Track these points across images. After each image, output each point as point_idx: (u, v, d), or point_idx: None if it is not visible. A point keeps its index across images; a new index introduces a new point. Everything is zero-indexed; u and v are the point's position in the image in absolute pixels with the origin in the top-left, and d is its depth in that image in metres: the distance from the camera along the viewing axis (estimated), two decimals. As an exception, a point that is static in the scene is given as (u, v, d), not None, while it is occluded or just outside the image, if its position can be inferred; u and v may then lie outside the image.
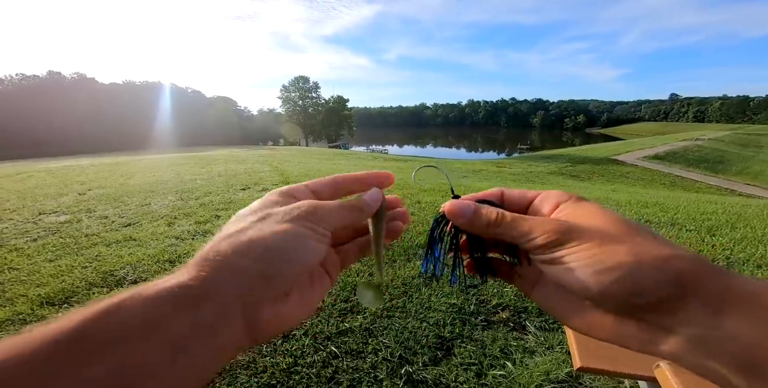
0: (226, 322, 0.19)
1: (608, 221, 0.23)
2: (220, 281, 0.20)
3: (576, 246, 0.22)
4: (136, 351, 0.16)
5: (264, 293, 0.21)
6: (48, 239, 2.92)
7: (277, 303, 0.22)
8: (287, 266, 0.22)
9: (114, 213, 3.65)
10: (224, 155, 11.24)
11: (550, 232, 0.23)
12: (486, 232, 0.26)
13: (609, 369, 0.94)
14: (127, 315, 0.17)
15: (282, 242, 0.22)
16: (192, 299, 0.19)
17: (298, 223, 0.23)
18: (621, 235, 0.22)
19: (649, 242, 0.21)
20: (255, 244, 0.21)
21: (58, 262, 2.42)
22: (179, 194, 4.50)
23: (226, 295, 0.20)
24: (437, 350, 1.50)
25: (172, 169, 7.27)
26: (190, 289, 0.19)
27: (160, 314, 0.18)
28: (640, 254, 0.20)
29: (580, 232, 0.22)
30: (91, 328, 0.16)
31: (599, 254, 0.21)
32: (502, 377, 1.35)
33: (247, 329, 0.21)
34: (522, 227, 0.24)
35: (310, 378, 1.33)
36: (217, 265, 0.20)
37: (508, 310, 1.79)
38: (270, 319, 0.22)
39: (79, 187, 5.19)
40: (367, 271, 2.14)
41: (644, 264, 0.20)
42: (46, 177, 6.56)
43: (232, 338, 0.20)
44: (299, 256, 0.22)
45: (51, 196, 4.58)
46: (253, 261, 0.21)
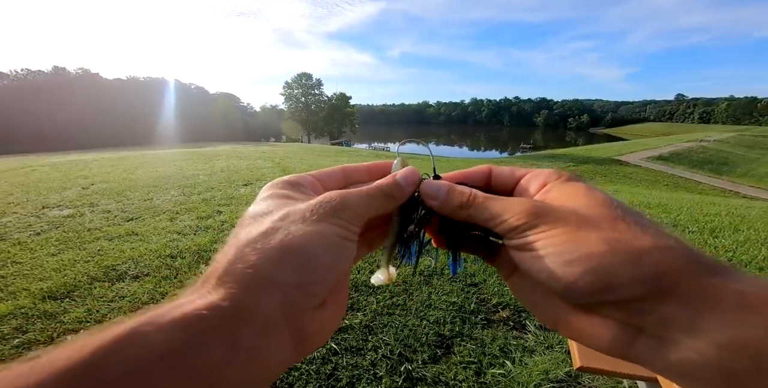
0: (270, 342, 0.18)
1: (592, 203, 0.20)
2: (256, 299, 0.17)
3: (547, 231, 0.19)
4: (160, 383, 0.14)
5: (307, 303, 0.19)
6: (51, 233, 2.94)
7: (318, 311, 0.21)
8: (326, 273, 0.20)
9: (116, 208, 3.67)
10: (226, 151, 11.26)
11: (521, 214, 0.20)
12: (457, 214, 0.23)
13: (608, 369, 0.94)
14: (147, 344, 0.15)
15: (316, 247, 0.19)
16: (227, 321, 0.16)
17: (328, 221, 0.20)
18: (601, 219, 0.19)
19: (633, 229, 0.19)
20: (287, 250, 0.19)
21: (60, 256, 2.44)
22: (181, 189, 4.52)
23: (267, 312, 0.17)
24: (437, 348, 1.50)
25: (175, 164, 7.29)
26: (222, 310, 0.16)
27: (186, 341, 0.15)
28: (615, 243, 0.18)
29: (554, 215, 0.20)
30: (105, 361, 0.14)
31: (570, 240, 0.19)
32: (501, 376, 1.35)
33: (294, 345, 0.19)
34: (493, 209, 0.22)
35: (309, 375, 1.34)
36: (247, 279, 0.18)
37: (509, 309, 1.79)
38: (316, 329, 0.20)
39: (83, 182, 5.22)
40: (368, 268, 2.15)
41: (618, 256, 0.17)
42: (50, 171, 6.60)
43: (278, 357, 0.18)
44: (336, 260, 0.20)
45: (54, 190, 4.61)
46: (290, 271, 0.18)
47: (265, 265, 0.18)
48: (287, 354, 0.19)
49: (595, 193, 0.21)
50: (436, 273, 2.12)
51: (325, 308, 0.21)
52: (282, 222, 0.20)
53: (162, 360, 0.14)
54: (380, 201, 0.23)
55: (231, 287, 0.17)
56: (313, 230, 0.20)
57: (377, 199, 0.23)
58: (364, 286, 1.95)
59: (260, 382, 0.18)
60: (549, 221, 0.20)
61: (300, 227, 0.20)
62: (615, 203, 0.20)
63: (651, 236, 0.18)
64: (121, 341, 0.14)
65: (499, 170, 0.26)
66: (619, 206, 0.20)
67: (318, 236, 0.20)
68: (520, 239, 0.20)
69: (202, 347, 0.15)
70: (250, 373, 0.17)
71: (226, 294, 0.17)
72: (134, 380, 0.14)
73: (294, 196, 0.23)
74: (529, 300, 0.23)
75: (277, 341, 0.18)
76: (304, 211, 0.21)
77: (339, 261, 0.20)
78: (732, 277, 0.17)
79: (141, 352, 0.14)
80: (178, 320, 0.16)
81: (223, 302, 0.17)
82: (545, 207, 0.21)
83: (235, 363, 0.16)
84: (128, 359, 0.14)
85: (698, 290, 0.16)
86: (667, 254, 0.17)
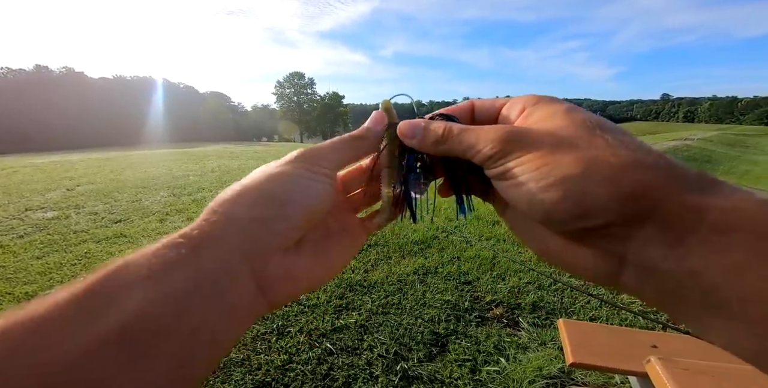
0: (230, 275, 0.18)
1: (568, 122, 0.19)
2: (218, 231, 0.19)
3: (521, 156, 0.18)
4: (139, 305, 0.15)
5: (265, 241, 0.19)
6: (35, 235, 2.86)
7: (288, 256, 0.21)
8: (284, 209, 0.20)
9: (104, 209, 3.59)
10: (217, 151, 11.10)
11: (494, 141, 0.19)
12: (436, 150, 0.23)
13: (600, 365, 0.95)
14: (134, 269, 0.16)
15: (275, 184, 0.21)
16: (192, 248, 0.18)
17: (291, 165, 0.22)
18: (577, 138, 0.18)
19: (612, 144, 0.17)
20: (248, 189, 0.20)
21: (45, 259, 2.37)
22: (171, 189, 4.44)
23: (226, 243, 0.18)
24: (432, 346, 1.51)
25: (164, 164, 7.16)
26: (191, 238, 0.18)
27: (162, 264, 0.17)
28: (591, 162, 0.16)
29: (528, 139, 0.19)
30: (100, 285, 0.16)
31: (546, 164, 0.17)
32: (496, 373, 1.36)
33: (258, 287, 0.19)
34: (468, 140, 0.21)
35: (305, 375, 1.33)
36: (216, 216, 0.19)
37: (502, 306, 1.80)
38: (282, 274, 0.20)
39: (68, 183, 5.09)
40: (363, 268, 2.14)
41: (594, 176, 0.16)
42: (33, 172, 6.40)
43: (242, 295, 0.19)
44: (296, 197, 0.21)
45: (38, 191, 4.48)
46: (247, 207, 0.20)
47: (229, 203, 0.20)
48: (251, 295, 0.19)
49: (574, 113, 0.20)
50: (430, 272, 2.13)
51: (300, 255, 0.22)
52: (252, 173, 0.22)
53: (145, 281, 0.16)
54: (347, 142, 0.24)
55: (203, 221, 0.19)
56: (274, 171, 0.21)
57: (345, 141, 0.24)
58: (359, 285, 1.95)
59: (231, 318, 0.18)
60: (523, 145, 0.19)
61: (264, 170, 0.22)
62: (594, 120, 0.19)
63: (630, 152, 0.17)
64: (115, 270, 0.16)
65: (480, 103, 0.25)
66: (598, 123, 0.19)
67: (277, 175, 0.21)
68: (497, 168, 0.20)
69: (175, 268, 0.17)
70: (214, 306, 0.17)
71: (197, 226, 0.19)
72: (120, 301, 0.15)
73: None
74: (520, 231, 0.23)
75: (238, 278, 0.18)
76: (274, 162, 0.22)
77: (299, 198, 0.21)
78: (720, 193, 0.15)
79: (129, 276, 0.16)
80: (160, 247, 0.18)
81: (192, 231, 0.19)
82: (519, 132, 0.20)
83: (199, 294, 0.17)
84: (118, 283, 0.16)
85: (679, 210, 0.15)
86: (647, 170, 0.16)
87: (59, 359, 0.13)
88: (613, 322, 1.71)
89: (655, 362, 0.74)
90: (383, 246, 2.46)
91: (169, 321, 0.16)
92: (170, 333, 0.16)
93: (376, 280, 2.01)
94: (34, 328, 0.14)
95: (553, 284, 2.00)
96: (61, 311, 0.14)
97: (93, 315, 0.15)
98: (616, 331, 1.12)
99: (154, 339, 0.15)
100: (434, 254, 2.36)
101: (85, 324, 0.14)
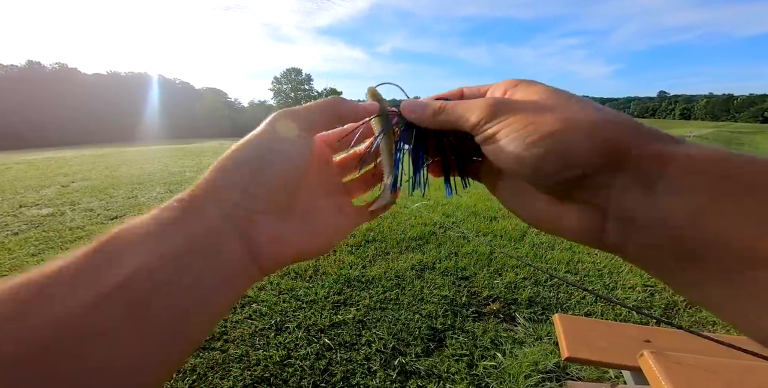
0: (219, 236, 0.19)
1: (547, 94, 0.21)
2: (203, 196, 0.20)
3: (507, 119, 0.21)
4: (140, 261, 0.16)
5: (245, 204, 0.21)
6: (30, 232, 2.83)
7: (275, 221, 0.22)
8: (257, 173, 0.21)
9: (99, 206, 3.56)
10: (214, 147, 11.02)
11: (482, 109, 0.22)
12: (432, 122, 0.25)
13: (595, 359, 0.97)
14: (136, 231, 0.18)
15: (246, 151, 0.22)
16: (185, 211, 0.19)
17: (263, 130, 0.23)
18: (555, 103, 0.20)
19: (586, 108, 0.19)
20: (225, 158, 0.22)
21: (41, 256, 2.36)
22: (168, 186, 4.41)
23: (210, 208, 0.20)
24: (430, 341, 1.52)
25: (160, 161, 7.10)
26: (183, 202, 0.20)
27: (160, 225, 0.18)
28: (570, 120, 0.19)
29: (512, 105, 0.21)
30: (103, 245, 0.17)
31: (530, 124, 0.19)
32: (492, 368, 1.38)
33: (248, 249, 0.20)
34: (458, 110, 0.23)
35: (303, 370, 1.34)
36: (203, 183, 0.21)
37: (499, 301, 1.82)
38: (268, 238, 0.21)
39: (62, 179, 5.04)
40: (361, 263, 2.15)
41: (574, 131, 0.18)
42: (27, 169, 6.33)
43: (233, 255, 0.20)
44: (272, 158, 0.22)
45: (32, 188, 4.43)
46: (224, 173, 0.21)
47: (210, 172, 0.21)
48: (240, 258, 0.20)
49: (550, 88, 0.22)
50: (428, 267, 2.14)
51: (288, 221, 0.23)
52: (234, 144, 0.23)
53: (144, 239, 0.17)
54: (322, 104, 0.25)
55: (192, 188, 0.21)
56: (246, 139, 0.22)
57: (319, 103, 0.25)
58: (357, 281, 1.96)
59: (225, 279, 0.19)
60: (508, 110, 0.21)
61: (241, 141, 0.23)
62: (569, 93, 0.21)
63: (603, 113, 0.19)
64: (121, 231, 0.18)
65: (468, 89, 0.27)
66: (572, 95, 0.21)
67: (248, 142, 0.22)
68: (485, 132, 0.22)
69: (165, 233, 0.18)
70: (208, 266, 0.18)
71: (189, 192, 0.20)
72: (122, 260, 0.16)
73: None
74: (511, 201, 0.25)
75: (227, 240, 0.20)
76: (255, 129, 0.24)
77: (274, 161, 0.22)
78: (682, 144, 0.17)
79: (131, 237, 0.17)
80: (159, 211, 0.19)
81: (185, 196, 0.20)
82: (503, 100, 0.22)
83: (192, 253, 0.18)
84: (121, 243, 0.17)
85: (648, 158, 0.17)
86: (617, 125, 0.18)
87: (65, 312, 0.14)
88: (608, 317, 1.73)
89: (648, 356, 0.75)
90: (381, 242, 2.47)
91: (166, 276, 0.17)
92: (168, 288, 0.17)
93: (374, 275, 2.02)
94: (42, 284, 0.15)
95: (549, 280, 2.02)
96: (68, 270, 0.16)
97: (96, 272, 0.16)
98: (611, 326, 1.14)
99: (152, 294, 0.16)
100: (432, 250, 2.37)
101: (88, 281, 0.15)
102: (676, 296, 1.93)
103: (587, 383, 1.33)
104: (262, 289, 1.87)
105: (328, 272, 2.04)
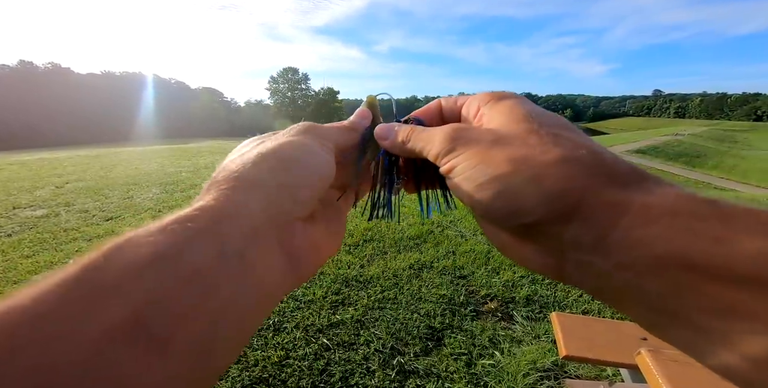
0: (259, 246, 0.17)
1: (511, 119, 0.20)
2: (242, 196, 0.17)
3: (462, 154, 0.19)
4: (151, 287, 0.13)
5: (292, 208, 0.19)
6: (24, 234, 2.80)
7: (308, 226, 0.21)
8: (307, 175, 0.20)
9: (94, 207, 3.53)
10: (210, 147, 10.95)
11: (440, 140, 0.21)
12: (402, 150, 0.24)
13: (592, 357, 0.97)
14: (137, 248, 0.14)
15: (293, 151, 0.20)
16: (212, 219, 0.16)
17: (302, 135, 0.22)
18: (514, 136, 0.18)
19: (544, 141, 0.17)
20: (267, 155, 0.19)
21: (35, 258, 2.33)
22: (163, 186, 4.37)
23: (253, 212, 0.17)
24: (428, 340, 1.52)
25: (156, 161, 7.04)
26: (209, 210, 0.16)
27: (175, 240, 0.14)
28: (521, 161, 0.17)
29: (467, 137, 0.20)
30: (99, 268, 0.13)
31: (481, 162, 0.18)
32: (491, 367, 1.38)
33: (285, 258, 0.18)
34: (422, 140, 0.22)
35: (302, 371, 1.33)
36: (232, 181, 0.18)
37: (496, 300, 1.82)
38: (308, 244, 0.20)
39: (56, 180, 4.98)
40: (358, 263, 2.15)
41: (521, 175, 0.17)
42: (20, 170, 6.26)
43: (272, 268, 0.17)
44: (314, 163, 0.21)
45: (26, 189, 4.38)
46: (271, 171, 0.19)
47: (248, 168, 0.19)
48: (281, 268, 0.18)
49: (518, 108, 0.20)
50: (425, 266, 2.14)
51: (316, 223, 0.22)
52: (259, 142, 0.22)
53: (152, 260, 0.14)
54: (344, 130, 0.26)
55: (217, 190, 0.17)
56: (287, 140, 0.21)
57: (339, 127, 0.26)
58: (355, 281, 1.95)
59: (257, 297, 0.16)
60: (463, 143, 0.20)
61: (275, 138, 0.22)
62: (535, 116, 0.19)
63: (561, 148, 0.17)
64: (114, 250, 0.14)
65: (445, 102, 0.26)
66: (538, 118, 0.19)
67: (292, 143, 0.21)
68: (445, 165, 0.21)
69: (188, 247, 0.14)
70: (242, 282, 0.16)
71: (213, 196, 0.17)
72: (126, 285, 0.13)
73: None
74: (482, 226, 0.23)
75: (267, 249, 0.17)
76: (279, 132, 0.23)
77: (316, 165, 0.21)
78: (644, 187, 0.15)
79: (132, 256, 0.14)
80: (167, 223, 0.15)
81: (209, 202, 0.17)
82: (461, 129, 0.21)
83: (225, 269, 0.15)
84: (119, 265, 0.13)
85: (601, 207, 0.15)
86: (571, 166, 0.16)
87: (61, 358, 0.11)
88: (605, 315, 1.74)
89: (645, 354, 0.76)
90: (379, 241, 2.47)
91: (191, 302, 0.14)
92: (191, 316, 0.14)
93: (372, 275, 2.01)
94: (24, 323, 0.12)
95: (546, 278, 2.02)
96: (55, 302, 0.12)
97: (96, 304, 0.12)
98: (608, 324, 1.15)
99: (171, 326, 0.13)
100: (429, 249, 2.38)
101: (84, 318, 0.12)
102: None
103: (585, 381, 1.34)
104: (259, 289, 1.86)
105: (325, 271, 2.04)
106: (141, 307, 0.13)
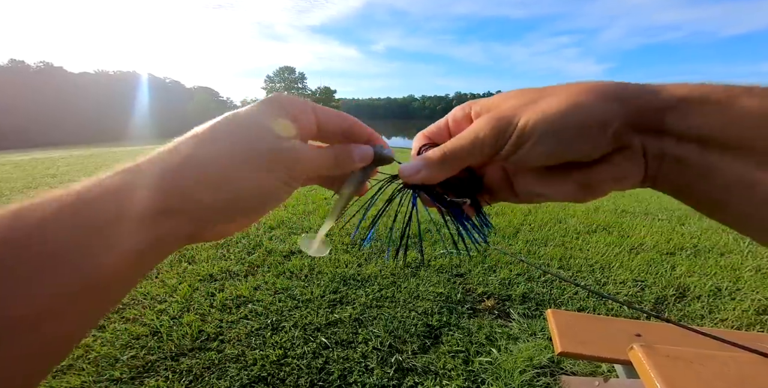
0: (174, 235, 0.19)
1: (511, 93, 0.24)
2: (179, 205, 0.19)
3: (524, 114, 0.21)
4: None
5: (217, 223, 0.21)
6: (18, 235, 2.77)
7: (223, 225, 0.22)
8: (246, 213, 0.22)
9: (89, 208, 3.50)
10: (206, 147, 10.86)
11: (488, 120, 0.22)
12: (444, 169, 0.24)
13: (587, 354, 0.99)
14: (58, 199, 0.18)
15: (250, 192, 0.21)
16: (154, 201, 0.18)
17: (275, 174, 0.21)
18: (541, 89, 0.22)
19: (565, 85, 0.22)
20: (224, 184, 0.20)
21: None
22: (159, 187, 4.34)
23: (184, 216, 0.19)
24: (426, 338, 1.53)
25: (151, 161, 6.98)
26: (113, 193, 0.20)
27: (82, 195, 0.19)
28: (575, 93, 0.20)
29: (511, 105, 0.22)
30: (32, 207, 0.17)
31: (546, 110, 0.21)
32: (488, 364, 1.39)
33: (186, 240, 0.20)
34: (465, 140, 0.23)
35: (300, 369, 1.34)
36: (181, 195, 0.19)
37: (493, 298, 1.84)
38: (214, 234, 0.22)
39: (50, 181, 4.93)
40: (356, 262, 2.15)
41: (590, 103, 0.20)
42: (13, 170, 6.18)
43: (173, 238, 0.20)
44: (262, 204, 0.22)
45: (18, 190, 4.33)
46: (215, 200, 0.20)
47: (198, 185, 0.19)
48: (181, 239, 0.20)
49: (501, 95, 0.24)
50: (422, 265, 2.15)
51: (234, 221, 0.22)
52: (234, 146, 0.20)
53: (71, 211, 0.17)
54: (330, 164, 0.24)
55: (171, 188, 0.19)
56: (256, 177, 0.21)
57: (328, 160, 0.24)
58: (353, 279, 1.96)
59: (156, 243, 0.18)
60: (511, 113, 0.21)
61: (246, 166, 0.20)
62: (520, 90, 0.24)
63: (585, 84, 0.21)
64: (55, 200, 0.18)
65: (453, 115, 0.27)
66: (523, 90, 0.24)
67: (258, 187, 0.21)
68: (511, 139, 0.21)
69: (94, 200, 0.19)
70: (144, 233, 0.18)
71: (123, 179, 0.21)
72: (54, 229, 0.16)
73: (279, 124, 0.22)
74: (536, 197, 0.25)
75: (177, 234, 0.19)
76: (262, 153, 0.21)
77: (263, 205, 0.22)
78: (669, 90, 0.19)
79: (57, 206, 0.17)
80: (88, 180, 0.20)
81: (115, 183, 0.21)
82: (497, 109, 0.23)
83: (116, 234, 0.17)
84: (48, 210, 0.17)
85: (667, 107, 0.19)
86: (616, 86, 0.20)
87: None
88: (600, 312, 1.77)
89: (638, 350, 0.77)
90: (376, 240, 2.47)
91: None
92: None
93: (369, 274, 2.02)
94: None
95: (543, 276, 2.05)
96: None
97: None
98: (603, 320, 1.16)
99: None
100: (427, 247, 2.39)
101: None
102: (666, 291, 1.97)
103: (581, 377, 1.36)
104: (257, 288, 1.87)
105: (323, 270, 2.04)
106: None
